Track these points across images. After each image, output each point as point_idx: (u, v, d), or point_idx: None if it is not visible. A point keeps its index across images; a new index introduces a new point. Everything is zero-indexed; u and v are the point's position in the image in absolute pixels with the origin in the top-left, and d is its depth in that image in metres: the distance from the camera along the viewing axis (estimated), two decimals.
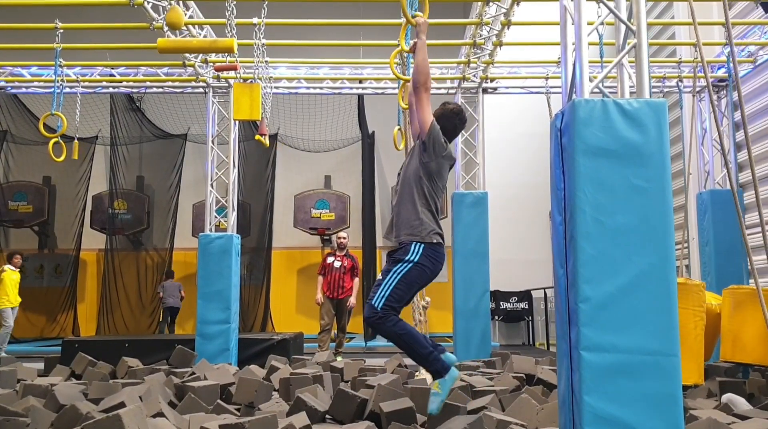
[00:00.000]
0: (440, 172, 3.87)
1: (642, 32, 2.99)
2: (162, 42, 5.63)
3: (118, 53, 9.58)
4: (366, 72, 9.09)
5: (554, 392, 4.76)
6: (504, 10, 7.24)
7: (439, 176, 3.87)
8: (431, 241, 3.71)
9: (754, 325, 5.27)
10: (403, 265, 3.69)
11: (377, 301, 3.64)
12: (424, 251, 3.69)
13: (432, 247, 3.71)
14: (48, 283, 13.96)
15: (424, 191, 3.80)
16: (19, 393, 5.17)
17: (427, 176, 3.82)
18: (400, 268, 3.68)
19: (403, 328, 3.61)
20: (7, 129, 13.40)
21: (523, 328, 13.01)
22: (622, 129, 2.83)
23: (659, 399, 2.68)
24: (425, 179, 3.81)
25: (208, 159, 8.55)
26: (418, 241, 3.70)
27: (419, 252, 3.68)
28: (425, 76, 3.83)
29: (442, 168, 3.88)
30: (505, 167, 12.34)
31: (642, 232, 2.78)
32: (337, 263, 8.89)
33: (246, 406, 4.73)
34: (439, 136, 3.83)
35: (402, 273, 3.67)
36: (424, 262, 3.69)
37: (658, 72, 8.70)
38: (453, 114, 4.03)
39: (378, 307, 3.62)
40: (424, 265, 3.69)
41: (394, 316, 3.63)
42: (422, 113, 3.82)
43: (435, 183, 3.84)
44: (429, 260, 3.70)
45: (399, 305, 3.68)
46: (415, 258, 3.67)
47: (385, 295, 3.63)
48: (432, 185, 3.83)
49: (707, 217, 8.25)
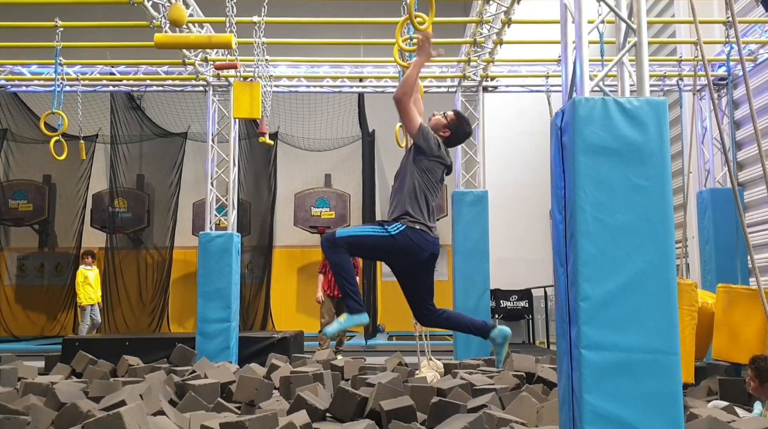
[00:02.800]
0: (432, 170, 4.08)
1: (642, 30, 2.99)
2: (159, 37, 5.62)
3: (118, 52, 9.57)
4: (366, 70, 9.08)
5: (554, 390, 4.76)
6: (504, 8, 7.24)
7: (431, 173, 4.08)
8: (413, 227, 3.92)
9: (749, 324, 5.27)
10: (380, 229, 3.95)
11: (341, 232, 3.98)
12: (405, 230, 3.91)
13: (413, 230, 3.93)
14: (48, 282, 13.96)
15: (414, 187, 4.01)
16: (19, 391, 5.17)
17: (419, 173, 4.04)
18: (376, 230, 3.97)
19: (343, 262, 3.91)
20: (8, 127, 13.39)
21: (524, 326, 13.00)
22: (623, 127, 2.83)
23: (659, 397, 2.68)
24: (417, 176, 4.03)
25: (209, 157, 8.55)
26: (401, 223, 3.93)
27: (400, 229, 3.91)
28: (410, 88, 4.01)
29: (434, 166, 4.09)
30: (505, 166, 12.33)
31: (642, 230, 2.78)
32: None
33: (246, 404, 4.74)
34: (430, 139, 4.05)
35: (374, 233, 3.96)
36: (400, 238, 3.90)
37: (658, 70, 8.70)
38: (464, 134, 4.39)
39: (336, 235, 3.93)
40: (398, 241, 3.91)
41: (343, 250, 3.91)
42: (408, 118, 4.04)
43: (428, 180, 4.05)
44: (406, 238, 3.91)
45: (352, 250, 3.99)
46: (393, 231, 3.91)
47: (349, 234, 4.00)
48: (424, 182, 4.04)
49: (707, 215, 8.25)
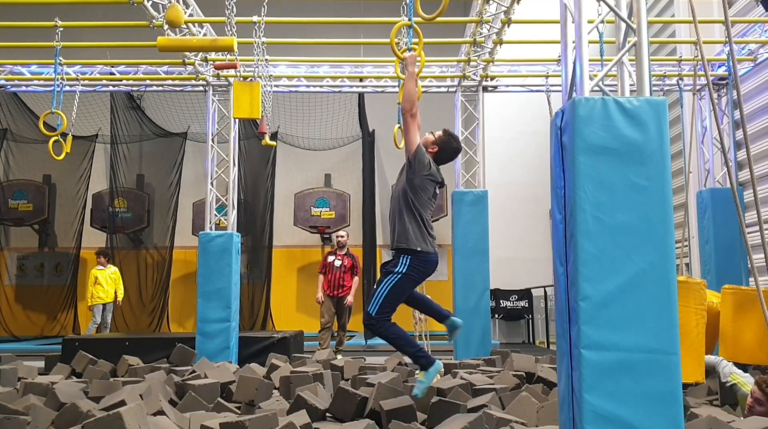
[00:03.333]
0: (424, 187, 4.38)
1: (642, 30, 2.99)
2: (162, 40, 5.63)
3: (117, 51, 9.57)
4: (366, 70, 9.08)
5: (554, 390, 4.77)
6: (504, 8, 7.24)
7: (423, 190, 4.37)
8: (416, 250, 4.27)
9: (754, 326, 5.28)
10: (392, 276, 4.28)
11: (372, 308, 4.27)
12: (411, 262, 4.27)
13: (417, 257, 4.28)
14: (48, 282, 13.96)
15: (409, 204, 4.32)
16: (19, 391, 5.18)
17: (412, 191, 4.34)
18: (390, 279, 4.28)
19: (394, 332, 4.28)
20: (7, 127, 13.39)
21: (523, 326, 13.00)
22: (623, 127, 2.83)
23: (659, 397, 2.68)
24: (410, 193, 4.34)
25: (209, 157, 8.55)
26: (404, 252, 4.28)
27: (407, 263, 4.27)
28: (411, 104, 4.30)
29: (426, 184, 4.39)
30: (505, 165, 12.33)
31: (642, 230, 2.78)
32: (338, 262, 8.94)
33: (246, 404, 4.74)
34: (423, 158, 4.35)
35: (392, 283, 4.27)
36: (411, 271, 4.28)
37: (658, 70, 8.69)
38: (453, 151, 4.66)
39: (373, 314, 4.26)
40: (411, 274, 4.29)
41: (386, 321, 4.27)
42: (409, 135, 4.33)
43: (420, 196, 4.35)
44: (415, 269, 4.29)
45: (391, 310, 4.30)
46: (402, 269, 4.26)
47: (378, 304, 4.25)
48: (416, 198, 4.34)
49: (707, 215, 8.25)
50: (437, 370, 4.25)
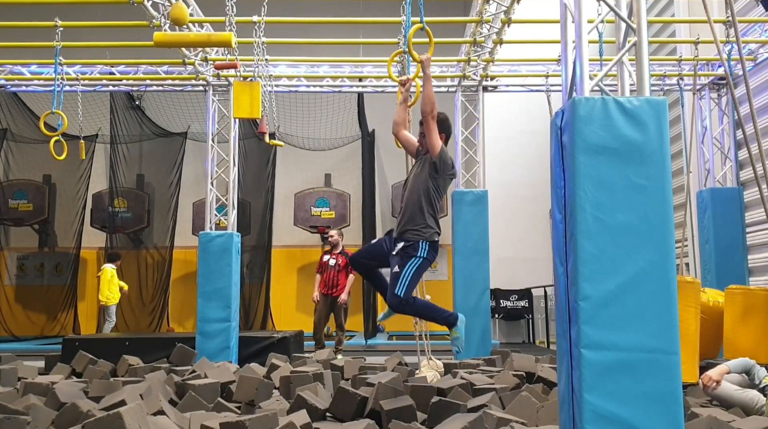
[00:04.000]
0: (445, 185, 4.73)
1: (642, 30, 2.99)
2: (158, 36, 5.60)
3: (117, 51, 9.58)
4: (366, 70, 9.09)
5: (554, 390, 4.76)
6: (504, 8, 7.24)
7: (444, 188, 4.73)
8: (433, 240, 4.59)
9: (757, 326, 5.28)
10: (415, 259, 4.53)
11: (400, 290, 4.48)
12: (429, 247, 4.57)
13: (433, 244, 4.61)
14: (48, 282, 13.96)
15: (430, 199, 4.61)
16: (19, 391, 5.18)
17: (434, 188, 4.62)
18: (414, 262, 4.53)
19: (422, 305, 4.67)
20: (7, 127, 13.38)
21: (524, 326, 13.00)
22: (623, 127, 2.82)
23: (660, 397, 2.68)
24: (432, 190, 4.61)
25: (209, 157, 8.55)
26: (423, 239, 4.54)
27: (426, 248, 4.55)
28: (432, 106, 4.53)
29: (447, 182, 4.74)
30: (505, 165, 12.33)
31: (642, 230, 2.78)
32: (332, 261, 9.02)
33: (246, 404, 4.74)
34: (447, 158, 4.64)
35: (416, 266, 4.53)
36: (429, 256, 4.58)
37: (658, 70, 8.70)
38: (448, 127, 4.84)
39: (402, 295, 4.48)
40: (429, 258, 4.59)
41: (414, 298, 4.60)
42: (431, 138, 4.56)
43: (439, 193, 4.68)
44: (431, 254, 4.60)
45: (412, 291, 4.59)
46: (423, 254, 4.54)
47: (405, 285, 4.49)
48: (437, 195, 4.66)
49: (707, 215, 8.25)
50: (463, 321, 4.69)
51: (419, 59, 4.67)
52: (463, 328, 4.68)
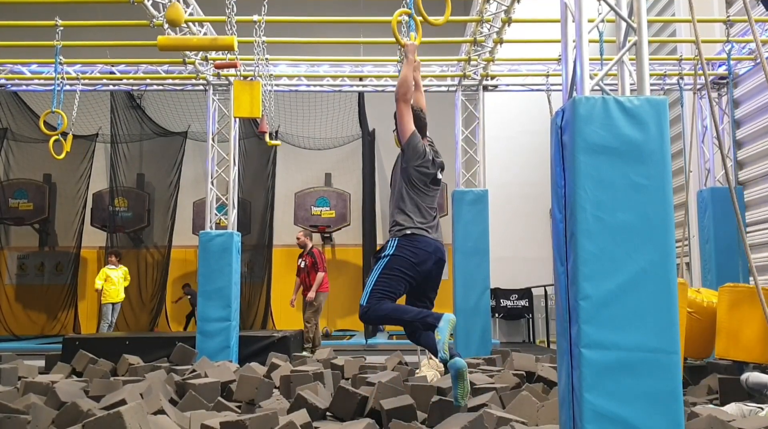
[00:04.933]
0: (419, 177, 4.18)
1: (643, 29, 2.99)
2: (162, 40, 5.62)
3: (118, 51, 9.58)
4: (366, 69, 9.08)
5: (554, 389, 4.77)
6: (504, 7, 7.24)
7: (418, 179, 4.18)
8: (405, 234, 4.04)
9: (751, 323, 5.27)
10: (381, 260, 4.05)
11: (363, 299, 4.00)
12: (399, 243, 4.03)
13: (406, 238, 4.03)
14: (49, 281, 13.97)
15: (402, 193, 4.16)
16: (20, 390, 5.18)
17: (406, 179, 4.17)
18: (379, 264, 4.04)
19: (386, 308, 3.94)
20: (8, 127, 13.38)
21: (524, 325, 13.01)
22: (623, 126, 2.83)
23: (660, 396, 2.68)
24: (404, 182, 4.17)
25: (209, 157, 8.55)
26: (392, 237, 4.08)
27: (394, 245, 4.03)
28: (406, 89, 4.16)
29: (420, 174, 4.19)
30: (505, 165, 12.34)
31: (642, 229, 2.78)
32: (302, 264, 9.35)
33: (247, 403, 4.74)
34: (417, 145, 4.18)
35: (381, 267, 4.02)
36: (399, 252, 4.00)
37: (658, 69, 8.69)
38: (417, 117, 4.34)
39: (363, 303, 3.98)
40: (400, 254, 4.00)
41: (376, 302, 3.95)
42: (401, 123, 4.19)
43: (414, 184, 4.17)
44: (404, 249, 4.00)
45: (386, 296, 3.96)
46: (390, 251, 4.02)
47: (368, 292, 3.99)
48: (410, 186, 4.16)
49: (707, 214, 8.24)
50: (448, 320, 3.85)
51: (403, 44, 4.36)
52: (446, 329, 3.84)
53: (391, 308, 3.95)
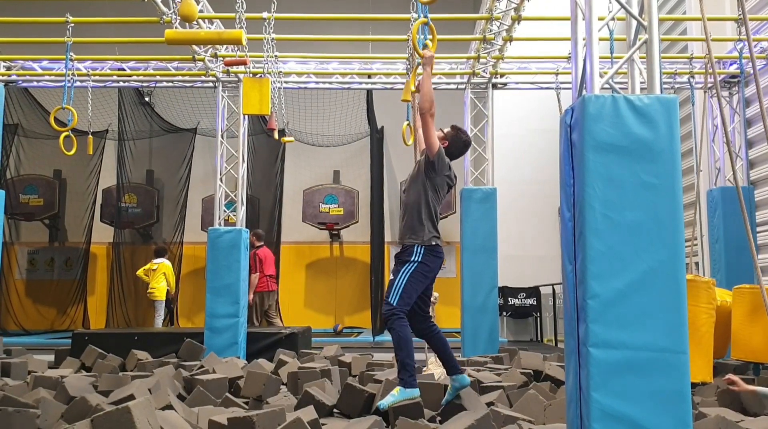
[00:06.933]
0: (443, 186, 4.50)
1: (653, 28, 2.97)
2: (170, 33, 5.62)
3: (128, 47, 9.62)
4: (375, 67, 9.07)
5: (562, 388, 4.76)
6: (514, 5, 7.21)
7: (441, 188, 4.49)
8: (430, 244, 4.34)
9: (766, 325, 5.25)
10: (409, 265, 4.30)
11: (392, 297, 4.23)
12: (425, 252, 4.31)
13: (431, 248, 4.34)
14: (58, 276, 14.04)
15: (428, 201, 4.40)
16: (29, 385, 5.22)
17: (432, 189, 4.43)
18: (408, 268, 4.29)
19: (405, 334, 4.22)
20: (19, 123, 13.45)
21: (531, 324, 12.98)
22: (633, 125, 2.81)
23: (667, 396, 2.67)
24: (430, 192, 4.42)
25: (218, 153, 8.57)
26: (419, 244, 4.32)
27: (421, 253, 4.31)
28: (431, 104, 4.34)
29: (444, 185, 4.51)
30: (514, 163, 12.30)
31: (652, 228, 2.77)
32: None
33: (254, 399, 4.75)
34: (443, 159, 4.43)
35: (410, 271, 4.28)
36: (426, 260, 4.31)
37: (669, 68, 8.64)
38: (463, 144, 4.69)
39: (394, 303, 4.22)
40: (426, 262, 4.32)
41: (404, 316, 4.23)
42: (429, 137, 4.36)
43: (438, 194, 4.47)
44: (429, 257, 4.33)
45: (410, 300, 4.27)
46: (418, 258, 4.30)
47: (398, 293, 4.23)
48: (435, 196, 4.44)
49: (717, 214, 8.19)
50: (411, 396, 4.13)
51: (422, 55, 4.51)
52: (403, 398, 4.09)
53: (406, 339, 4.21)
